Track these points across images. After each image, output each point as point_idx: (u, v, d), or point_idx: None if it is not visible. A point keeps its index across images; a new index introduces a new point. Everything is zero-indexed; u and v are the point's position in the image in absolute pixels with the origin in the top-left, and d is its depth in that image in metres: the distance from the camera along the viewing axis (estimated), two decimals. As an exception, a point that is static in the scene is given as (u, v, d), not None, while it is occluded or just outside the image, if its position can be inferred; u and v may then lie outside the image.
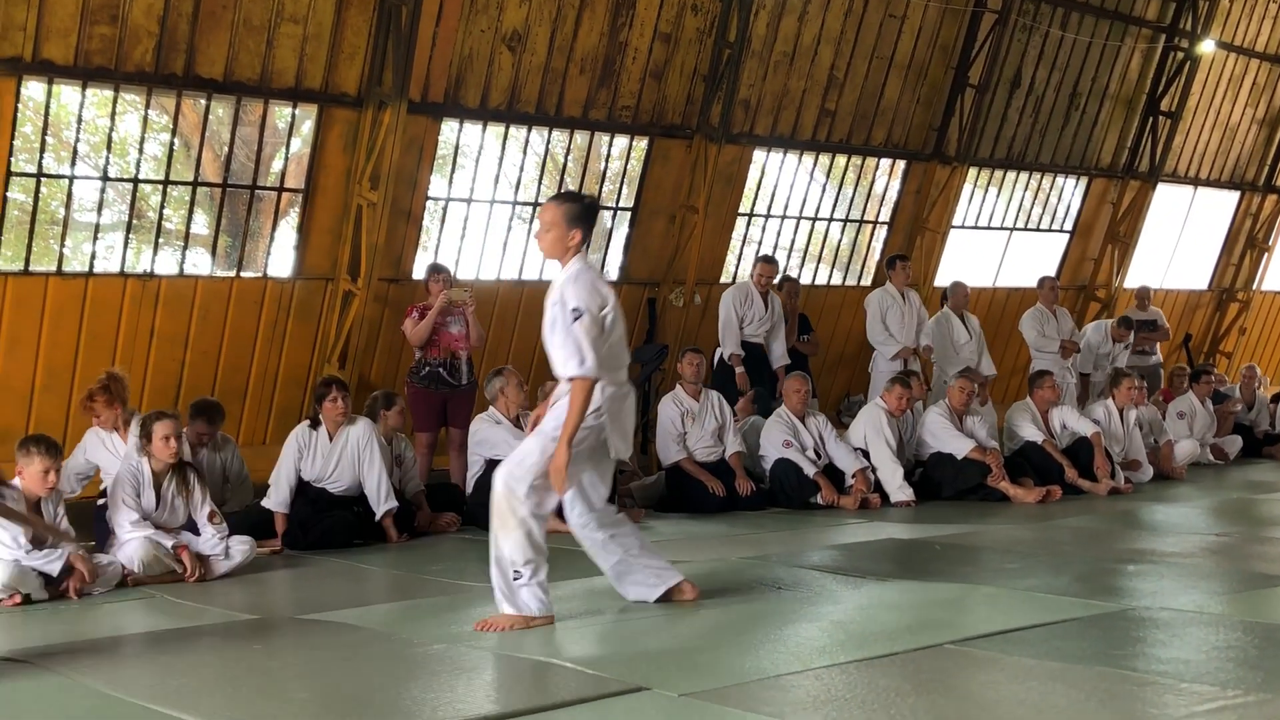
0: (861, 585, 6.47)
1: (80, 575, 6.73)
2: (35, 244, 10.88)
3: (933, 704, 4.31)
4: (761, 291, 11.39)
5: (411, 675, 4.88)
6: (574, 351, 5.54)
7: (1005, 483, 9.95)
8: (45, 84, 10.48)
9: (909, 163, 15.92)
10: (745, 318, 11.30)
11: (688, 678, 4.67)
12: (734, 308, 11.32)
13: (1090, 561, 7.21)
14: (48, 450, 6.77)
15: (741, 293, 11.43)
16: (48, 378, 10.76)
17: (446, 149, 12.82)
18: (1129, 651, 5.06)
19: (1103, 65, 17.12)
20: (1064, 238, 17.99)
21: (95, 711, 4.43)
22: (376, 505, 8.36)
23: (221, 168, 11.81)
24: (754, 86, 14.16)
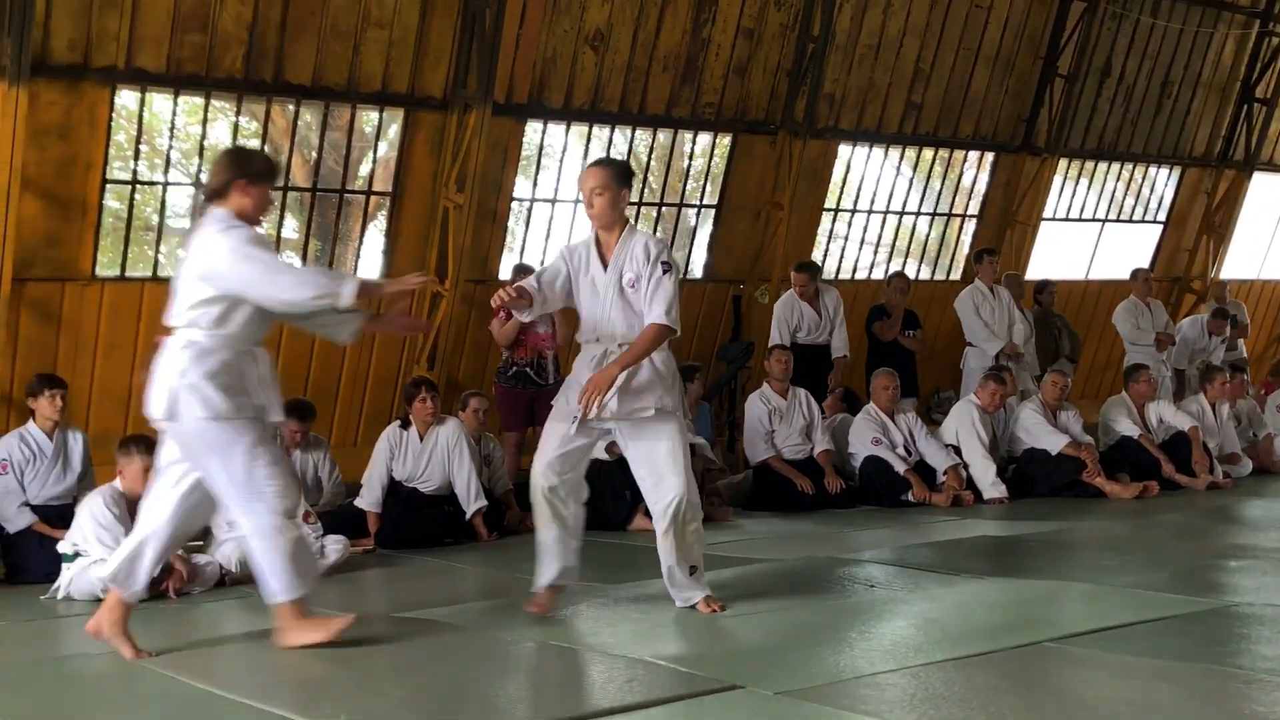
0: (955, 582, 6.41)
1: (179, 575, 6.85)
2: (131, 250, 11.10)
3: (1033, 702, 4.26)
4: (808, 300, 11.10)
5: (505, 673, 4.91)
6: (664, 301, 5.54)
7: (1101, 479, 9.80)
8: (138, 92, 10.68)
9: (997, 155, 15.75)
10: (797, 328, 11.06)
11: (782, 676, 4.65)
12: (784, 319, 11.04)
13: (1189, 558, 7.08)
14: (148, 449, 6.88)
15: (787, 306, 11.16)
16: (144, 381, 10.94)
17: (531, 150, 12.89)
18: (1232, 649, 4.97)
19: (1195, 52, 16.81)
20: (1157, 229, 17.69)
21: (194, 709, 4.51)
22: (467, 504, 8.43)
23: (310, 172, 11.97)
24: (838, 81, 14.08)
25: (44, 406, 7.84)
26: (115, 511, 6.88)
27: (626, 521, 8.62)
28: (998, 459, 9.97)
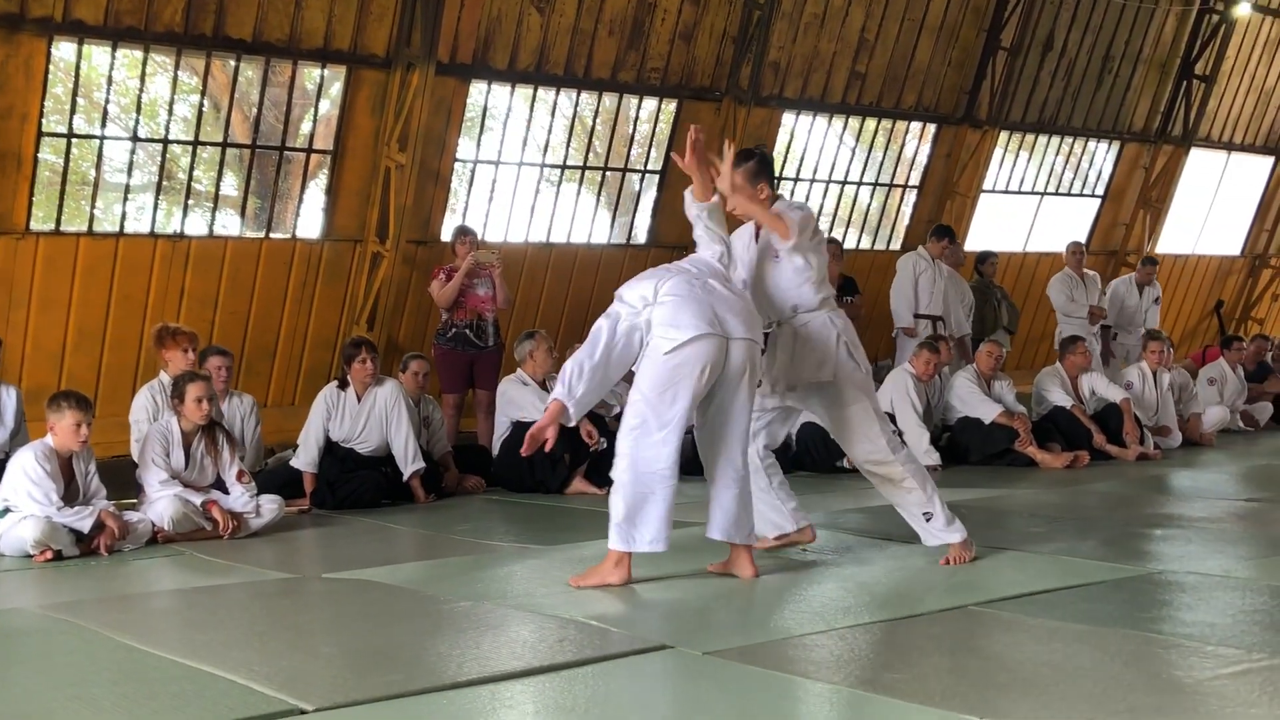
0: (886, 547, 6.47)
1: (111, 532, 6.79)
2: (66, 204, 10.94)
3: (957, 664, 4.31)
4: None
5: (437, 631, 4.91)
6: (799, 222, 5.65)
7: (1033, 448, 9.91)
8: (76, 44, 10.51)
9: (939, 126, 15.82)
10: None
11: (711, 637, 4.68)
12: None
13: (1117, 526, 7.18)
14: (78, 404, 6.82)
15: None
16: (79, 337, 10.85)
17: (475, 111, 12.81)
18: (1155, 615, 5.05)
19: (1136, 28, 16.95)
20: (1095, 203, 17.86)
21: (125, 665, 4.48)
22: (404, 466, 8.40)
23: (250, 129, 11.84)
24: (784, 48, 14.08)
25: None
26: (47, 467, 6.79)
27: (564, 485, 8.63)
28: (931, 427, 10.05)
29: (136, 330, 11.02)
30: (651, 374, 5.39)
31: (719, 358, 5.40)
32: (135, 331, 11.03)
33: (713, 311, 5.43)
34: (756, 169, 5.70)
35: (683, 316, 5.38)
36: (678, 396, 5.37)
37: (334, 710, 3.88)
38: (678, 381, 5.36)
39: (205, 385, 7.36)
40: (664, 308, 5.43)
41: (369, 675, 4.26)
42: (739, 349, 5.45)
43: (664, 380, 5.37)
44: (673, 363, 5.35)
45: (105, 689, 4.17)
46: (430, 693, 4.05)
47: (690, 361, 5.34)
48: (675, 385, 5.36)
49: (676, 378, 5.36)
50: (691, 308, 5.41)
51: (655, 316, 5.44)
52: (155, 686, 4.18)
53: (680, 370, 5.35)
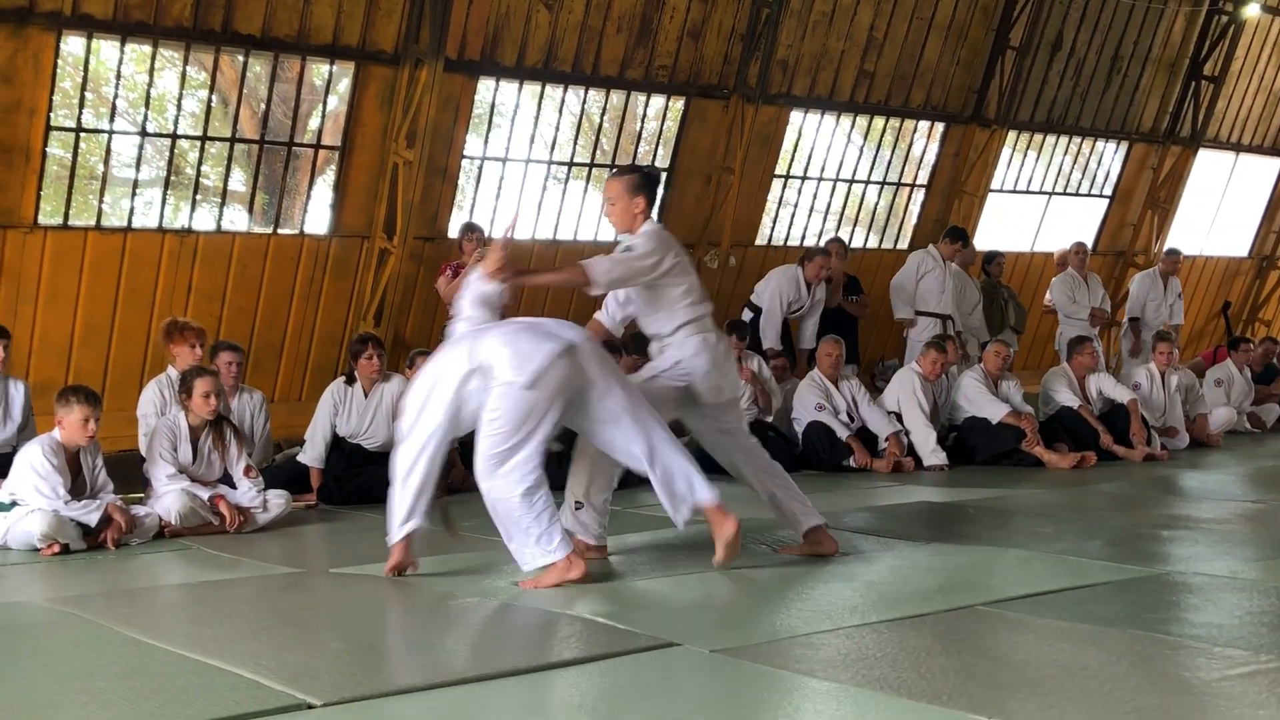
0: (894, 547, 6.47)
1: (118, 526, 6.80)
2: (74, 199, 10.95)
3: (963, 664, 4.31)
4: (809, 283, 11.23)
5: (445, 627, 4.92)
6: (601, 259, 5.81)
7: (1039, 448, 9.90)
8: (85, 39, 10.52)
9: (948, 125, 15.80)
10: (791, 309, 11.16)
11: (719, 634, 4.68)
12: (780, 297, 11.15)
13: (1124, 527, 7.17)
14: (87, 399, 6.83)
15: (792, 284, 11.24)
16: (86, 332, 10.86)
17: (482, 107, 12.81)
18: (1162, 615, 5.04)
19: (1145, 28, 16.92)
20: (1103, 203, 17.84)
21: (132, 659, 4.48)
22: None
23: (259, 124, 11.84)
24: (792, 47, 14.07)
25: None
26: (54, 461, 6.80)
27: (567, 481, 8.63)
28: (938, 427, 10.05)
29: (144, 325, 11.03)
30: (509, 408, 5.42)
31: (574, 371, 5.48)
32: (143, 326, 11.04)
33: (544, 330, 5.60)
34: (638, 182, 5.97)
35: (524, 346, 5.46)
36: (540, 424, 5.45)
37: (342, 705, 3.89)
38: (536, 409, 5.42)
39: (213, 380, 7.38)
40: (500, 349, 5.47)
41: (376, 670, 4.27)
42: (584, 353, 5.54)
43: (524, 411, 5.42)
44: (531, 394, 5.40)
45: (112, 683, 4.17)
46: (438, 688, 4.05)
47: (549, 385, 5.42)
48: (534, 414, 5.43)
49: (535, 406, 5.42)
50: (527, 335, 5.53)
51: (496, 359, 5.46)
52: (162, 680, 4.18)
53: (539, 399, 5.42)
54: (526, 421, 5.42)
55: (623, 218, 5.97)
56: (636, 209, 5.93)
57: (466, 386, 5.53)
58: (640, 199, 5.94)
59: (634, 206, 5.93)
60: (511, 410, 5.41)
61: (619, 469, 6.05)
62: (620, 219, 5.98)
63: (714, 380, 5.98)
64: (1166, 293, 13.59)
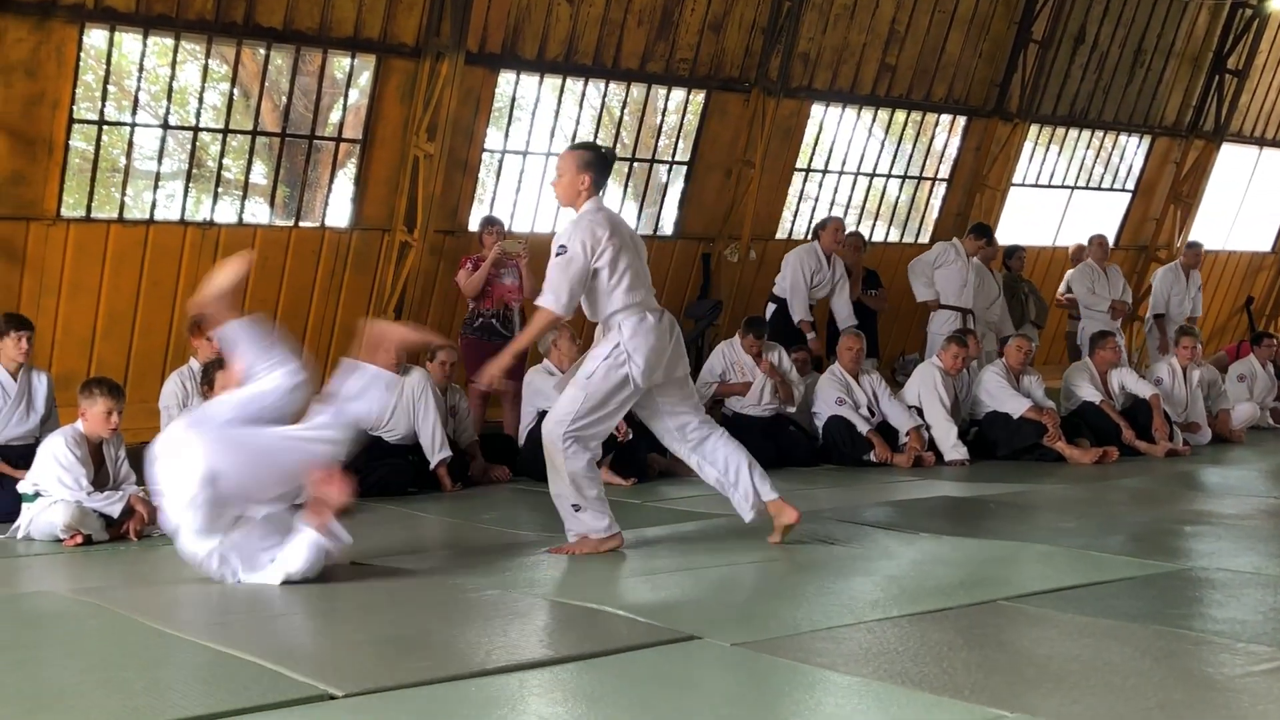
0: (915, 541, 6.46)
1: (140, 517, 6.83)
2: (97, 191, 10.99)
3: (985, 658, 4.30)
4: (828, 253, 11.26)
5: (465, 620, 4.93)
6: (549, 285, 5.94)
7: (1061, 443, 9.87)
8: (107, 32, 10.55)
9: (969, 119, 15.74)
10: (814, 281, 11.18)
11: (740, 628, 4.68)
12: (801, 270, 11.18)
13: (1146, 522, 7.16)
14: (110, 392, 6.86)
15: (811, 255, 11.27)
16: (109, 323, 10.89)
17: (503, 101, 12.81)
18: (1185, 611, 5.03)
19: (1169, 22, 16.82)
20: (1126, 197, 17.75)
21: (155, 649, 4.50)
22: (431, 454, 8.42)
23: (280, 117, 11.86)
24: (813, 40, 14.04)
25: (9, 348, 7.73)
26: (77, 453, 6.84)
27: (590, 474, 8.63)
28: (959, 421, 10.02)
29: (166, 317, 11.07)
30: None
31: None
32: (164, 318, 11.08)
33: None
34: (589, 159, 6.03)
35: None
36: None
37: (363, 696, 3.90)
38: None
39: (234, 373, 7.39)
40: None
41: (398, 662, 4.28)
42: None
43: None
44: None
45: (135, 673, 4.19)
46: (458, 680, 4.06)
47: None
48: None
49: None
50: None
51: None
52: (185, 671, 4.21)
53: None
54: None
55: (567, 192, 6.03)
56: (581, 185, 5.98)
57: None
58: (586, 176, 5.98)
59: (579, 182, 5.98)
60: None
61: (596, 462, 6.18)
62: (565, 193, 6.04)
63: (654, 359, 5.98)
64: (1188, 286, 13.54)
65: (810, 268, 11.15)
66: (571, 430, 5.93)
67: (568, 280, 5.89)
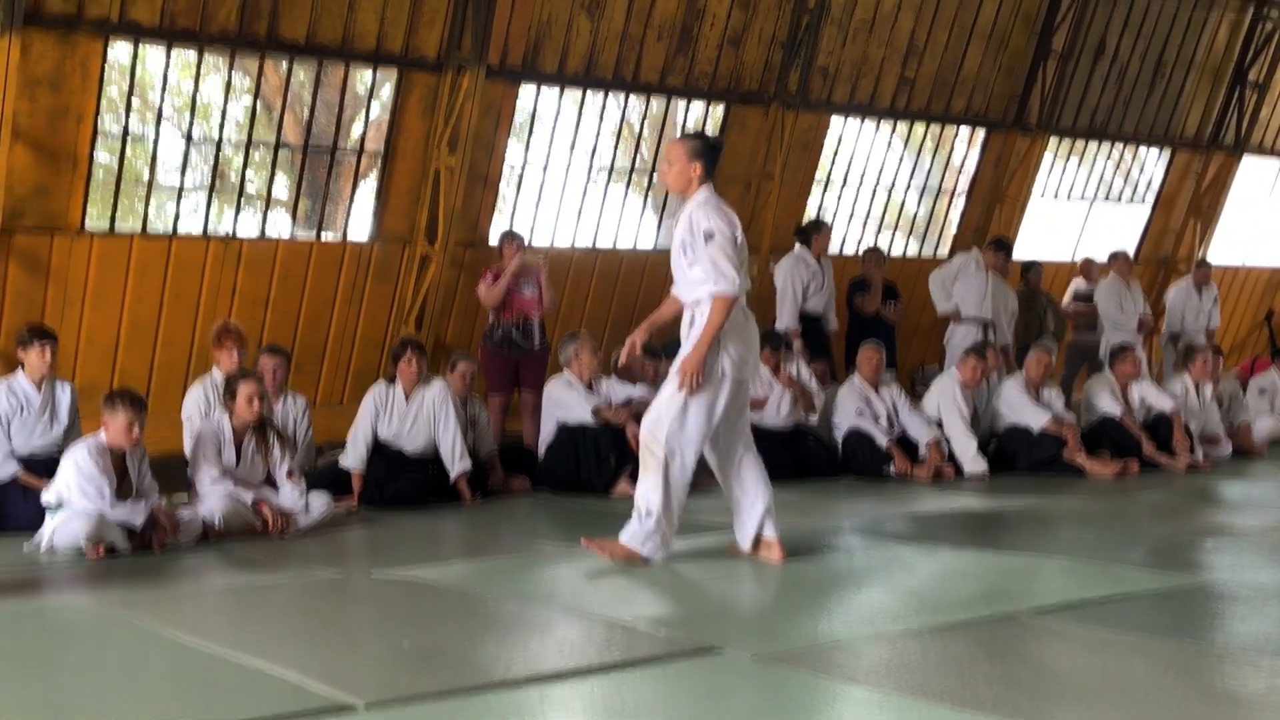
0: (935, 554, 6.44)
1: (163, 529, 6.84)
2: (120, 204, 11.05)
3: (1006, 672, 4.28)
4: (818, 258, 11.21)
5: (485, 631, 4.93)
6: (711, 271, 5.91)
7: (1081, 456, 9.82)
8: (131, 45, 10.61)
9: (989, 132, 15.72)
10: (808, 288, 11.13)
11: (760, 640, 4.67)
12: (794, 279, 11.14)
13: (1167, 536, 7.12)
14: (132, 403, 6.88)
15: (801, 264, 11.23)
16: (132, 334, 10.95)
17: (524, 114, 12.84)
18: (1206, 625, 5.00)
19: (1189, 34, 16.78)
20: (1146, 210, 17.70)
21: (177, 660, 4.51)
22: (451, 466, 8.42)
23: (303, 130, 11.91)
24: (832, 54, 14.04)
25: (33, 358, 7.75)
26: (99, 464, 6.85)
27: (610, 485, 8.62)
28: (979, 434, 9.98)
29: (188, 329, 11.11)
30: None
31: None
32: (187, 330, 11.12)
33: None
34: (699, 148, 6.09)
35: None
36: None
37: (385, 707, 3.90)
38: None
39: (256, 384, 7.42)
40: None
41: (419, 673, 4.28)
42: None
43: None
44: None
45: (157, 683, 4.21)
46: (479, 691, 4.06)
47: None
48: None
49: None
50: None
51: None
52: (207, 681, 4.21)
53: None
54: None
55: (679, 179, 6.08)
56: (694, 172, 6.04)
57: None
58: (698, 164, 6.04)
59: (691, 170, 6.04)
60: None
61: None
62: (676, 180, 6.09)
63: (746, 351, 6.07)
64: (1202, 300, 13.48)
65: (804, 277, 11.09)
66: (673, 427, 5.94)
67: (729, 259, 5.93)
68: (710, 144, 6.20)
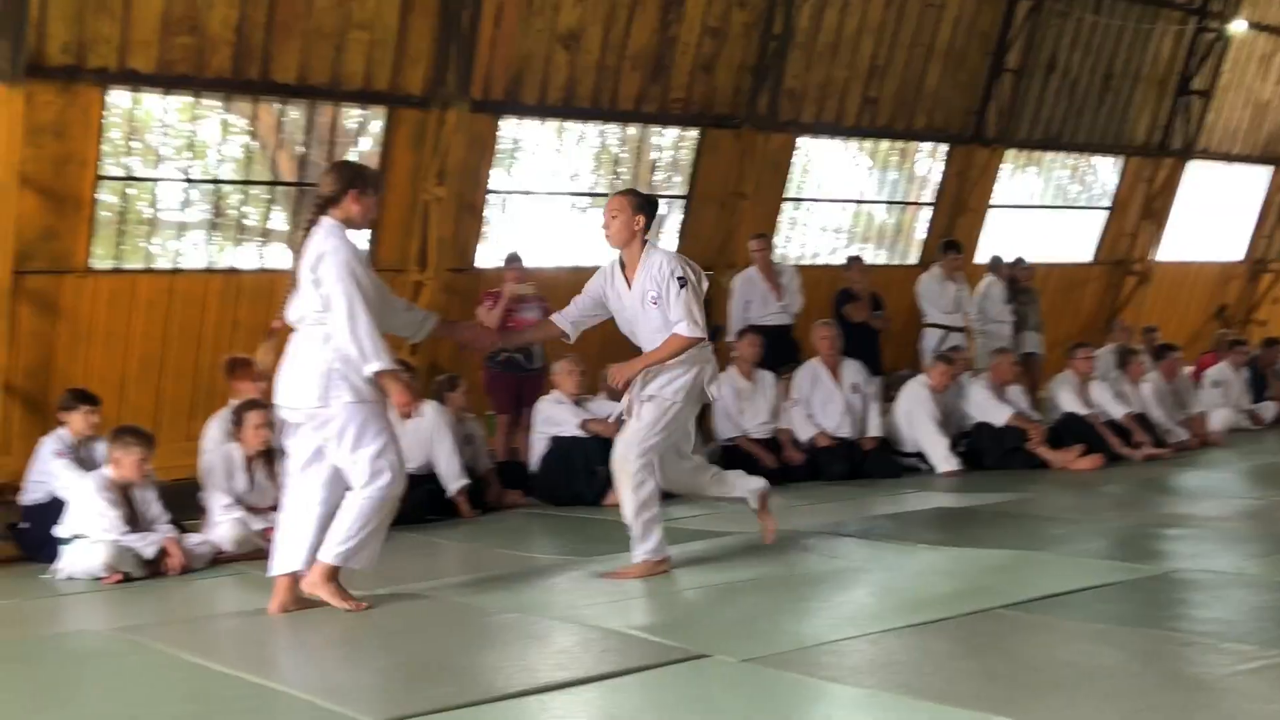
0: (913, 552, 6.44)
1: (176, 559, 6.81)
2: (125, 243, 11.01)
3: (985, 666, 4.28)
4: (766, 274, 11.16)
5: (486, 644, 4.91)
6: (685, 315, 5.86)
7: (1044, 448, 9.83)
8: (130, 92, 10.59)
9: (950, 146, 15.77)
10: (750, 301, 11.11)
11: (748, 644, 4.66)
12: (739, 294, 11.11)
13: (1131, 526, 7.12)
14: (144, 441, 6.89)
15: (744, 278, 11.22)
16: (140, 368, 10.91)
17: (507, 144, 12.84)
18: (1171, 613, 5.00)
19: (1135, 48, 16.86)
20: (1102, 214, 17.77)
21: (193, 684, 4.49)
22: (448, 482, 8.41)
23: (297, 167, 11.89)
24: (799, 77, 14.07)
25: (77, 422, 7.68)
26: (108, 497, 6.84)
27: (600, 497, 8.60)
28: (949, 434, 9.99)
29: (192, 361, 11.07)
30: None
31: None
32: (191, 362, 11.08)
33: None
34: (642, 202, 6.03)
35: None
36: None
37: (392, 723, 3.88)
38: None
39: (264, 413, 7.41)
40: None
41: (423, 688, 4.26)
42: None
43: None
44: None
45: (175, 707, 4.18)
46: (482, 704, 4.04)
47: None
48: None
49: None
50: None
51: None
52: (223, 704, 4.19)
53: None
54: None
55: (621, 231, 5.98)
56: (637, 225, 5.97)
57: None
58: (641, 217, 5.98)
59: (635, 223, 5.97)
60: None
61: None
62: (619, 232, 5.98)
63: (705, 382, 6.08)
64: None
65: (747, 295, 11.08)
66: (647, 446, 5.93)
67: (699, 304, 5.91)
68: (652, 200, 6.16)
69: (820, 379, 10.00)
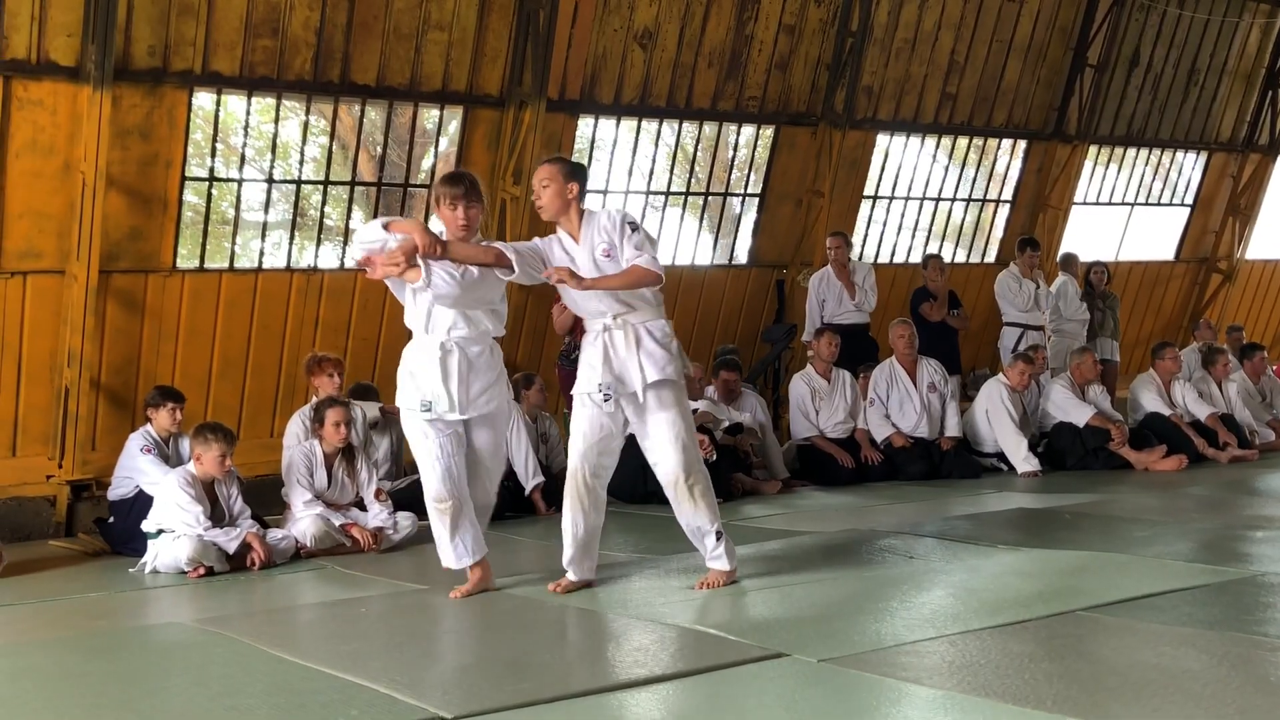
0: (992, 554, 6.37)
1: (258, 554, 6.92)
2: (209, 243, 11.19)
3: (1066, 669, 4.22)
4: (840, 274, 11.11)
5: (563, 641, 4.94)
6: (643, 249, 5.63)
7: (1127, 449, 9.69)
8: (214, 94, 10.76)
9: (1030, 142, 15.57)
10: (825, 300, 11.07)
11: (825, 644, 4.64)
12: (814, 292, 11.09)
13: (1217, 529, 7.00)
14: (225, 437, 7.00)
15: (820, 277, 11.19)
16: (223, 366, 11.07)
17: (583, 143, 12.88)
18: (1259, 617, 4.91)
19: (1220, 41, 16.55)
20: (1185, 211, 17.46)
21: (276, 676, 4.55)
22: (525, 480, 8.45)
23: (376, 167, 12.02)
24: (876, 73, 13.97)
25: (163, 419, 7.92)
26: (192, 492, 6.96)
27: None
28: (1029, 434, 9.88)
29: (275, 358, 11.23)
30: None
31: None
32: (274, 359, 11.24)
33: None
34: (574, 169, 5.78)
35: None
36: None
37: (471, 718, 3.91)
38: None
39: (343, 410, 7.51)
40: None
41: (502, 684, 4.29)
42: None
43: None
44: None
45: (258, 699, 4.24)
46: (561, 700, 4.06)
47: None
48: None
49: None
50: None
51: None
52: (305, 696, 4.24)
53: None
54: None
55: (554, 200, 5.72)
56: (571, 193, 5.73)
57: None
58: (575, 184, 5.74)
59: (568, 191, 5.72)
60: None
61: None
62: (552, 201, 5.72)
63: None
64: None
65: (821, 294, 11.05)
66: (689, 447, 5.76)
67: (652, 244, 5.70)
68: (582, 166, 5.92)
69: (897, 378, 9.92)
